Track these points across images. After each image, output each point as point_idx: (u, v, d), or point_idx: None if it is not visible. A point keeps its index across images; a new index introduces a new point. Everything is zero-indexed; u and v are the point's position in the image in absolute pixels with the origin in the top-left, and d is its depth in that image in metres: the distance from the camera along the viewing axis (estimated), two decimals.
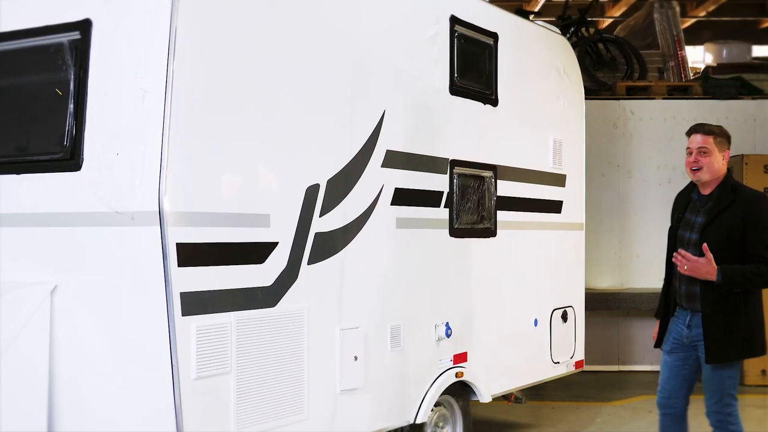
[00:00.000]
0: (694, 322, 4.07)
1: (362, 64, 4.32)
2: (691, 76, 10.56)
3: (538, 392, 7.19)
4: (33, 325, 3.54)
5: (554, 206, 5.95)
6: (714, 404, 4.06)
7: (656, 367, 8.48)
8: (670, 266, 4.23)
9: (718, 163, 4.08)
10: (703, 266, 3.92)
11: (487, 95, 5.26)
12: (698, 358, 4.13)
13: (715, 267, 3.92)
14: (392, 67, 4.52)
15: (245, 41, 3.70)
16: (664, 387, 4.26)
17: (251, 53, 3.72)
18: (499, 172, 5.32)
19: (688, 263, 3.95)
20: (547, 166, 5.89)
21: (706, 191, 4.15)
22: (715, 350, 3.98)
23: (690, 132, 4.17)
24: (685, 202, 4.25)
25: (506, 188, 5.40)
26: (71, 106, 3.60)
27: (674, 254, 4.04)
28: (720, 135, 4.12)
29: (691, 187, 4.27)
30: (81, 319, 3.57)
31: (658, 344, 4.34)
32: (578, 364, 6.11)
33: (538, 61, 5.89)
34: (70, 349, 3.59)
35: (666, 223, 4.38)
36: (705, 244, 3.94)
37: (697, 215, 4.13)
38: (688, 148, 4.14)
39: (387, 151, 4.41)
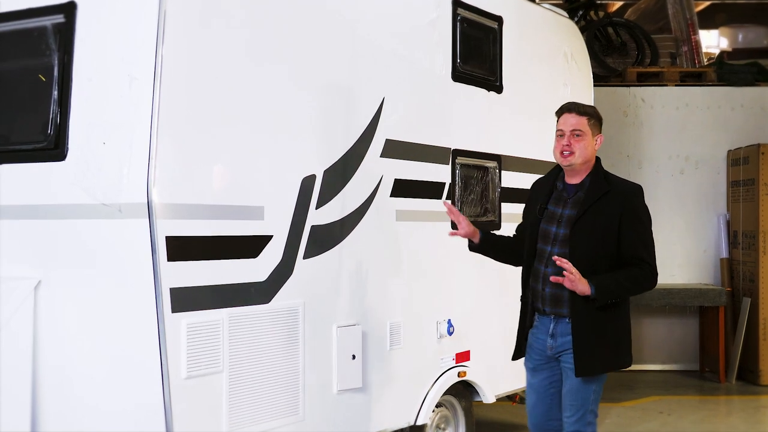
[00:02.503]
0: (559, 329, 3.65)
1: (360, 49, 4.25)
2: (705, 61, 10.44)
3: None
4: (15, 323, 3.48)
5: None
6: (575, 422, 3.67)
7: (668, 367, 8.45)
8: (529, 264, 3.76)
9: (591, 147, 3.71)
10: (579, 282, 3.52)
11: (491, 82, 5.19)
12: (563, 370, 3.71)
13: (586, 281, 3.51)
14: (392, 52, 4.46)
15: (237, 24, 3.63)
16: (533, 412, 3.87)
17: (243, 38, 3.65)
18: (503, 162, 5.26)
19: (572, 278, 3.49)
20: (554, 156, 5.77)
21: (574, 180, 3.74)
22: (585, 362, 3.60)
23: (561, 111, 3.77)
24: (548, 191, 3.77)
25: (511, 179, 5.31)
26: (55, 92, 3.55)
27: (562, 274, 3.53)
28: (594, 117, 3.75)
29: (555, 174, 3.81)
30: (67, 317, 3.54)
31: (516, 356, 3.90)
32: None
33: (544, 46, 5.82)
34: (55, 348, 3.56)
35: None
36: (558, 258, 3.51)
37: (564, 207, 3.72)
38: (559, 129, 3.73)
39: (386, 140, 4.36)
